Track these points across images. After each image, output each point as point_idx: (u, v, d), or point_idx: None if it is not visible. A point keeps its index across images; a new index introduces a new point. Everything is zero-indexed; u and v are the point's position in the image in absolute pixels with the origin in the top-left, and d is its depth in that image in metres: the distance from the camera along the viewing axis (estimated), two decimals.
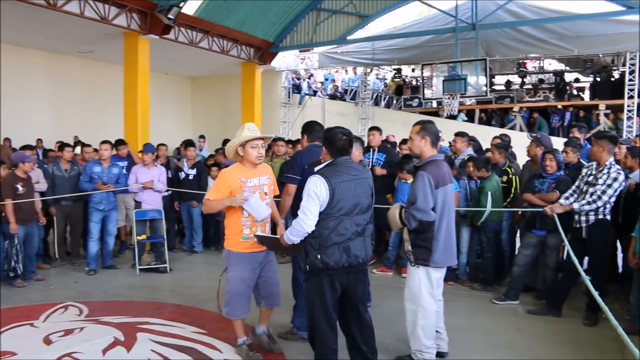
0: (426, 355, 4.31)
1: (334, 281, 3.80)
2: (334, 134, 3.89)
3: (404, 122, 17.39)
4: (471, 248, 6.91)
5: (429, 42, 16.77)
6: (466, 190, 6.73)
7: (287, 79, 19.59)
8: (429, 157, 4.22)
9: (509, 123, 18.18)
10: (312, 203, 3.66)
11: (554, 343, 4.98)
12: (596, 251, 5.42)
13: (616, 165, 5.36)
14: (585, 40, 15.56)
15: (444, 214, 4.17)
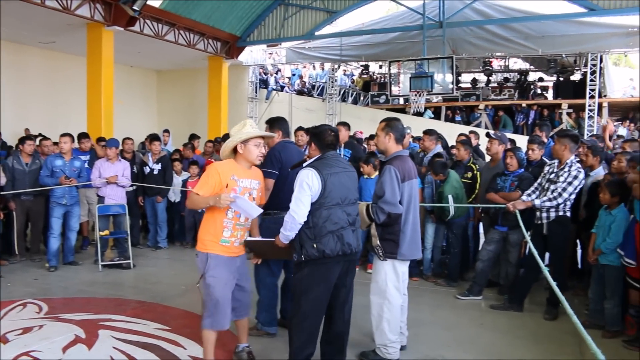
0: (390, 349, 4.36)
1: (328, 271, 3.85)
2: (323, 131, 4.05)
3: (371, 118, 17.46)
4: (436, 244, 6.98)
5: (397, 39, 16.84)
6: (432, 186, 6.79)
7: (255, 74, 19.45)
8: (394, 153, 4.34)
9: (475, 121, 18.43)
10: (304, 194, 3.73)
11: (515, 337, 5.06)
12: (556, 247, 5.53)
13: (577, 164, 5.50)
14: (549, 41, 15.83)
15: (410, 208, 4.29)
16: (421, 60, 13.90)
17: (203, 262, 3.91)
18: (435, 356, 4.61)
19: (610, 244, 4.98)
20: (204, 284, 3.91)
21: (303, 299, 3.86)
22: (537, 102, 18.25)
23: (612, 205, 5.06)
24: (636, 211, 4.68)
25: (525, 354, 4.69)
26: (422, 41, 14.23)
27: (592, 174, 6.04)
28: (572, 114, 17.39)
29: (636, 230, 4.69)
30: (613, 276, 5.00)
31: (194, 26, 14.59)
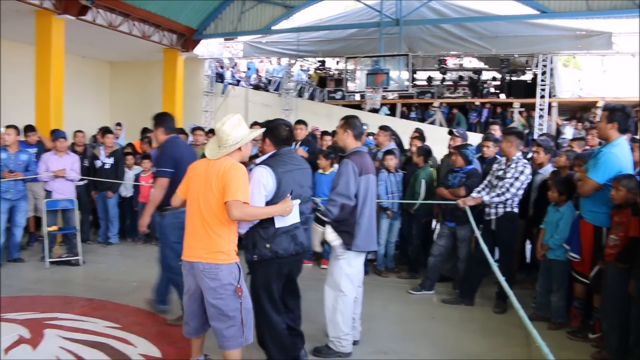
0: (344, 342, 4.42)
1: (281, 269, 3.88)
2: (278, 126, 4.02)
3: (327, 114, 17.50)
4: (389, 239, 7.06)
5: (354, 35, 16.91)
6: (387, 183, 6.84)
7: (210, 68, 19.21)
8: (353, 149, 4.45)
9: (429, 118, 18.68)
10: (257, 194, 3.69)
11: (466, 330, 5.17)
12: (505, 242, 5.67)
13: (523, 160, 5.65)
14: (502, 41, 16.17)
15: (367, 201, 4.37)
16: (377, 57, 13.99)
17: (234, 274, 3.54)
18: (388, 350, 4.66)
19: (558, 239, 5.12)
20: (238, 296, 3.54)
21: (262, 297, 3.87)
22: (490, 101, 18.63)
23: (559, 202, 5.20)
24: (581, 208, 4.82)
25: (475, 346, 4.79)
26: (379, 38, 14.31)
27: (541, 171, 6.19)
28: (524, 112, 17.82)
29: (581, 226, 4.83)
30: (559, 270, 5.15)
31: (149, 17, 14.29)
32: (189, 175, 3.73)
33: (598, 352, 4.55)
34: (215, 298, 3.49)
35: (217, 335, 3.59)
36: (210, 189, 3.49)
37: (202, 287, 3.54)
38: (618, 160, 4.47)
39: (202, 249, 3.50)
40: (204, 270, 3.48)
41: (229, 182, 3.44)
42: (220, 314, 3.51)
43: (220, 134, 3.61)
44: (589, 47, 15.97)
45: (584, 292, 4.95)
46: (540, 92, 16.69)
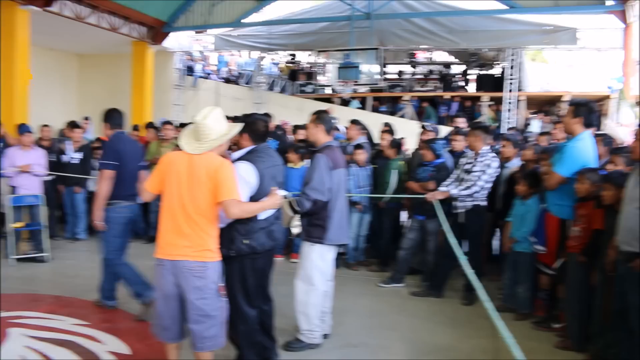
0: (315, 334, 4.49)
1: (256, 264, 3.89)
2: (256, 121, 4.00)
3: (299, 108, 17.46)
4: (359, 233, 7.10)
5: (325, 29, 16.87)
6: (356, 177, 6.87)
7: (181, 61, 18.99)
8: (324, 143, 4.49)
9: (400, 111, 18.78)
10: (242, 190, 3.66)
11: (434, 323, 5.24)
12: (473, 235, 5.76)
13: (490, 153, 5.74)
14: (472, 35, 16.31)
15: (339, 195, 4.45)
16: (348, 51, 14.00)
17: (218, 272, 3.52)
18: (358, 343, 4.70)
19: (524, 232, 5.22)
20: (220, 295, 3.55)
21: (237, 293, 3.87)
22: (459, 94, 18.83)
23: (526, 195, 5.30)
24: (547, 201, 4.92)
25: (444, 337, 4.87)
26: (350, 32, 14.32)
27: (508, 165, 6.29)
28: (492, 106, 18.04)
29: (546, 219, 4.93)
30: (525, 262, 5.26)
31: (117, 9, 14.03)
32: (162, 169, 3.52)
33: (561, 341, 4.66)
34: (199, 298, 3.38)
35: (195, 337, 3.46)
36: (199, 186, 3.38)
37: (186, 287, 3.39)
38: (583, 154, 4.59)
39: (189, 247, 3.37)
40: (192, 268, 3.36)
41: (223, 180, 3.36)
42: (201, 315, 3.41)
43: (202, 127, 3.47)
44: (555, 42, 16.22)
45: (549, 283, 5.06)
46: (508, 86, 16.92)
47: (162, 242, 3.46)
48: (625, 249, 3.75)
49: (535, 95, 18.96)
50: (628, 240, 3.72)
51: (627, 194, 3.85)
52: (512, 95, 16.95)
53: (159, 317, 3.55)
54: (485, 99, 17.92)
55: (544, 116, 17.38)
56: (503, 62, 17.76)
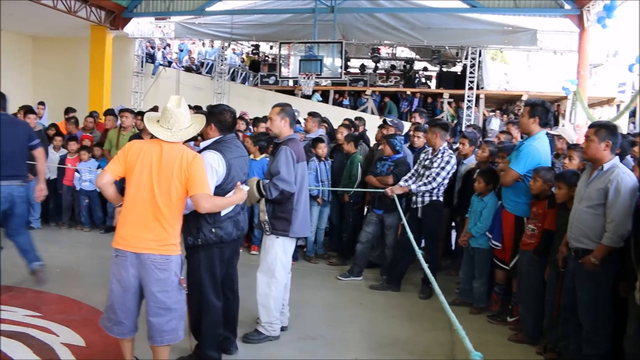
0: (275, 327, 4.50)
1: (223, 253, 3.89)
2: (223, 112, 3.98)
3: (260, 99, 17.39)
4: (319, 226, 7.12)
5: (288, 20, 16.83)
6: (317, 172, 6.88)
7: (141, 47, 18.65)
8: (287, 136, 4.49)
9: (362, 106, 18.88)
10: (210, 178, 3.64)
11: (392, 316, 5.30)
12: (430, 230, 5.85)
13: (449, 151, 5.85)
14: (434, 32, 16.53)
15: (303, 188, 4.47)
16: (311, 44, 13.98)
17: (180, 265, 3.46)
18: (316, 336, 4.72)
19: (481, 228, 5.32)
20: (182, 288, 3.46)
21: (205, 283, 3.85)
22: (420, 91, 19.04)
23: (484, 192, 5.40)
24: (503, 198, 5.03)
25: (401, 330, 4.93)
26: (313, 24, 14.31)
27: (465, 162, 6.40)
28: (453, 103, 18.33)
29: (503, 216, 5.04)
30: (481, 258, 5.36)
31: None
32: (129, 156, 3.35)
33: (515, 334, 4.78)
34: (161, 290, 3.32)
35: (154, 330, 3.38)
36: (171, 179, 3.29)
37: (147, 279, 3.31)
38: (538, 153, 4.71)
39: (153, 240, 3.28)
40: (155, 261, 3.29)
41: (195, 174, 3.31)
42: (162, 308, 3.35)
43: (176, 115, 3.36)
44: (515, 42, 16.60)
45: (504, 278, 5.18)
46: (468, 84, 17.21)
47: (125, 233, 3.34)
48: (575, 246, 3.88)
49: (495, 93, 19.34)
50: (578, 238, 3.85)
51: (577, 192, 3.97)
52: (472, 93, 17.24)
53: (113, 311, 3.41)
54: (446, 96, 18.17)
55: (502, 115, 17.73)
56: (464, 60, 18.03)
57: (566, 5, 13.97)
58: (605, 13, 11.81)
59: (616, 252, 3.69)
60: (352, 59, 21.26)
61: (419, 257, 3.55)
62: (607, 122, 4.18)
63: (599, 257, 3.68)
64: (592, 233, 3.76)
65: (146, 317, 3.39)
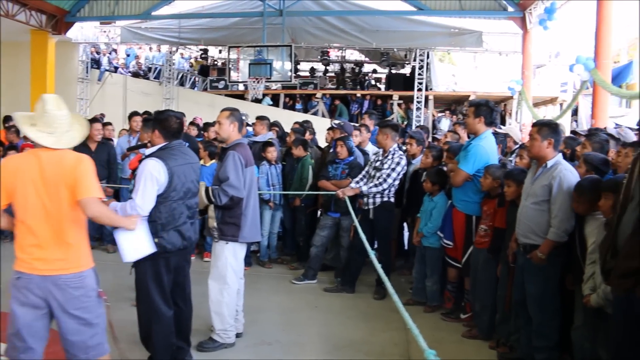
0: (230, 334, 4.44)
1: (169, 263, 3.80)
2: (168, 118, 3.90)
3: (210, 104, 17.19)
4: (272, 230, 7.07)
5: (237, 24, 16.72)
6: (267, 176, 6.83)
7: (86, 53, 18.18)
8: (235, 140, 4.44)
9: (312, 109, 18.91)
10: (150, 186, 3.58)
11: (347, 317, 5.29)
12: (382, 230, 5.87)
13: (399, 151, 5.89)
14: (383, 35, 16.72)
15: (252, 192, 4.44)
16: (260, 47, 13.93)
17: (95, 277, 3.20)
18: (272, 340, 4.67)
19: (432, 227, 5.37)
20: (101, 300, 3.22)
21: (152, 292, 3.77)
22: (370, 93, 19.22)
23: (433, 192, 5.46)
24: (453, 197, 5.09)
25: (356, 332, 4.92)
26: (262, 28, 14.26)
27: (414, 162, 6.45)
28: (402, 105, 18.56)
29: (453, 215, 5.10)
30: (433, 257, 5.41)
31: None
32: (6, 180, 2.97)
33: (469, 330, 4.85)
34: (79, 308, 3.07)
35: (77, 349, 3.12)
36: (59, 189, 2.98)
37: (62, 300, 3.03)
38: (486, 152, 4.80)
39: (62, 259, 3.01)
40: (68, 280, 3.03)
41: (82, 177, 3.00)
42: (82, 324, 3.10)
43: (60, 118, 3.03)
44: (461, 44, 16.94)
45: (457, 276, 5.24)
46: (417, 85, 17.46)
47: (26, 257, 3.00)
48: (523, 242, 3.96)
49: (444, 94, 19.69)
50: (525, 234, 3.94)
51: (524, 189, 4.07)
52: (421, 94, 17.49)
53: (20, 338, 3.06)
54: (396, 98, 18.39)
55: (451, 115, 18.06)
56: (412, 62, 18.29)
57: (509, 7, 14.37)
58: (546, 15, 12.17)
59: (562, 247, 3.80)
60: (302, 62, 21.28)
61: (372, 258, 3.55)
62: (548, 121, 4.30)
63: (545, 251, 3.77)
64: (538, 229, 3.85)
65: (63, 338, 3.12)
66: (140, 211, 3.58)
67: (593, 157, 4.15)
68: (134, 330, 4.01)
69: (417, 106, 17.51)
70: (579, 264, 3.68)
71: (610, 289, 3.18)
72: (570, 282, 3.82)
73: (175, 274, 3.93)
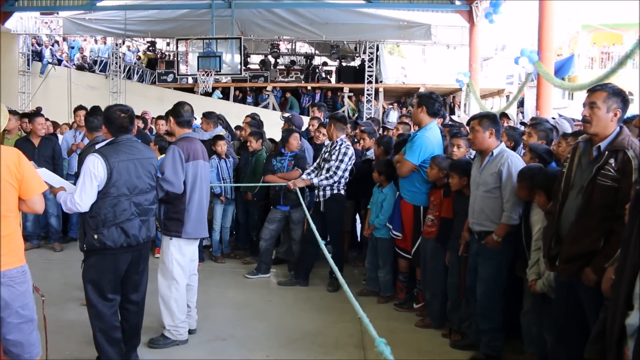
0: (181, 330, 4.40)
1: (115, 261, 3.71)
2: (113, 112, 3.83)
3: (159, 97, 16.92)
4: (224, 225, 7.01)
5: (185, 16, 16.46)
6: (218, 170, 6.75)
7: (26, 44, 17.55)
8: (181, 135, 4.44)
9: (263, 102, 18.81)
10: (89, 183, 3.52)
11: (301, 310, 5.31)
12: (333, 223, 5.90)
13: (346, 142, 5.93)
14: (332, 28, 16.77)
15: (196, 187, 4.38)
16: (209, 40, 13.74)
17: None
18: (225, 336, 4.64)
19: (382, 219, 5.43)
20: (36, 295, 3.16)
21: (89, 289, 3.72)
22: (321, 86, 19.25)
23: (383, 183, 5.52)
24: (400, 188, 5.16)
25: (311, 324, 4.94)
26: (211, 20, 14.07)
27: (368, 153, 6.51)
28: (353, 97, 18.67)
29: (401, 206, 5.17)
30: (384, 248, 5.47)
31: None
32: None
33: (421, 320, 4.92)
34: (22, 304, 2.99)
35: (22, 348, 3.04)
36: (2, 185, 2.89)
37: (6, 299, 2.93)
38: (431, 143, 4.89)
39: (4, 255, 2.90)
40: (14, 277, 2.94)
41: (29, 174, 3.00)
42: (25, 322, 3.02)
43: None
44: (410, 37, 17.16)
45: (408, 266, 5.31)
46: (367, 78, 17.59)
47: None
48: (477, 230, 4.05)
49: (393, 87, 19.90)
50: (480, 222, 4.03)
51: (473, 180, 4.17)
52: (371, 86, 17.63)
53: None
54: (346, 90, 18.48)
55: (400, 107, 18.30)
56: (362, 55, 18.41)
57: (457, 1, 14.61)
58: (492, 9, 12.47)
59: (513, 234, 3.91)
60: (252, 55, 21.13)
61: (324, 250, 3.57)
62: (487, 112, 4.43)
63: (500, 234, 3.89)
64: (492, 215, 3.96)
65: (4, 338, 3.00)
66: (78, 207, 3.53)
67: (537, 146, 4.29)
68: (84, 330, 3.92)
69: (367, 98, 17.66)
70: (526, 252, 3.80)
71: (554, 275, 3.30)
72: (520, 268, 3.94)
73: (127, 271, 3.84)
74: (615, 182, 2.84)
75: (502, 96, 19.16)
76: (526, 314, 3.89)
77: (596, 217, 2.91)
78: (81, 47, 20.21)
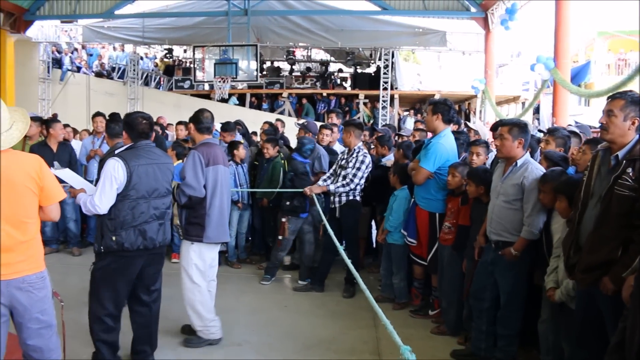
0: (212, 329, 4.48)
1: (129, 264, 3.77)
2: (135, 119, 3.94)
3: (175, 104, 17.05)
4: (240, 230, 7.04)
5: (202, 23, 16.59)
6: (235, 175, 6.79)
7: (47, 52, 17.79)
8: (202, 140, 4.51)
9: (279, 108, 18.88)
10: (109, 186, 3.60)
11: (316, 316, 5.31)
12: (349, 229, 5.90)
13: (363, 149, 5.94)
14: (348, 35, 16.79)
15: (217, 192, 4.40)
16: (226, 47, 13.85)
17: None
18: (241, 341, 4.66)
19: (393, 221, 5.44)
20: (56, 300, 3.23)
21: (101, 289, 3.77)
22: (336, 92, 19.28)
23: (396, 185, 5.54)
24: (415, 195, 5.15)
25: (326, 331, 4.94)
26: (227, 27, 14.17)
27: (383, 159, 6.51)
28: (368, 103, 18.68)
29: (417, 213, 5.16)
30: (398, 254, 5.47)
31: None
32: None
33: (437, 327, 4.91)
34: (41, 310, 3.02)
35: (42, 353, 3.07)
36: (25, 194, 2.91)
37: (26, 304, 2.96)
38: (445, 150, 4.88)
39: (24, 261, 2.93)
40: (33, 282, 2.98)
41: (50, 181, 3.05)
42: (44, 327, 3.06)
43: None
44: (425, 43, 17.13)
45: (423, 273, 5.30)
46: (383, 85, 17.59)
47: None
48: (495, 239, 4.01)
49: (409, 93, 19.87)
50: (498, 232, 3.98)
51: (493, 188, 4.12)
52: (386, 93, 17.63)
53: None
54: (362, 97, 18.50)
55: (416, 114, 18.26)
56: (378, 62, 18.42)
57: (472, 8, 14.58)
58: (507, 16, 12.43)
59: (531, 243, 3.87)
60: (268, 62, 21.24)
61: (343, 255, 3.58)
62: (518, 120, 4.34)
63: (519, 249, 3.84)
64: (511, 226, 3.90)
65: (24, 343, 3.05)
66: (98, 209, 3.62)
67: (553, 153, 4.25)
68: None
69: (382, 105, 17.65)
70: (546, 261, 3.76)
71: (574, 284, 3.28)
72: (539, 277, 3.90)
73: (141, 275, 3.89)
74: (633, 191, 2.79)
75: (518, 103, 19.05)
76: (543, 322, 3.83)
77: (614, 226, 2.87)
78: (100, 54, 20.45)
